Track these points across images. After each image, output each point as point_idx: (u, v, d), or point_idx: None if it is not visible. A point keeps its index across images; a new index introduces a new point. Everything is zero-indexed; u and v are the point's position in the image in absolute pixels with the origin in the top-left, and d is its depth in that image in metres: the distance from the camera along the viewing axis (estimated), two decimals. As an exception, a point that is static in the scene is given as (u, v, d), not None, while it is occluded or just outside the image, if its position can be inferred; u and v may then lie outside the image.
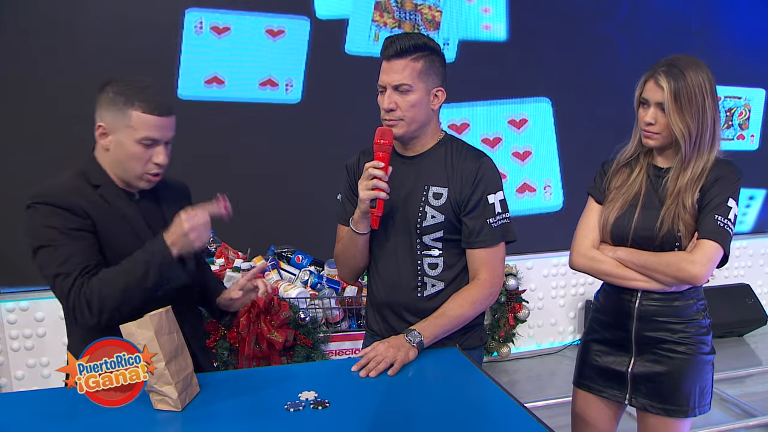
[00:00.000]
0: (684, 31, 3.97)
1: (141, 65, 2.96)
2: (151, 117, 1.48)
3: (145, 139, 1.49)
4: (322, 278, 3.00)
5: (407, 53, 1.63)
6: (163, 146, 1.53)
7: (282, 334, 2.62)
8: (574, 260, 1.84)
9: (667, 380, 1.75)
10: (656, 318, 1.75)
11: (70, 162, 1.61)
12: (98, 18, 2.96)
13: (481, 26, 3.60)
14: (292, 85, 3.29)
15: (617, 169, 1.83)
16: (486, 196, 1.68)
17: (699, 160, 1.69)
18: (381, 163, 1.62)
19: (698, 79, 1.66)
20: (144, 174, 1.53)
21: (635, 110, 1.77)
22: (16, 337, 2.97)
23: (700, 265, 1.64)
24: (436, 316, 1.66)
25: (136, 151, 1.50)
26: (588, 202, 1.87)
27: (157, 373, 1.32)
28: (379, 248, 1.78)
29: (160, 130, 1.50)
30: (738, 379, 3.52)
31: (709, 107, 1.67)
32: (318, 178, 3.28)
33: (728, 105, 4.21)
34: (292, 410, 1.35)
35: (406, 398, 1.43)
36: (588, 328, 1.93)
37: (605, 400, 1.87)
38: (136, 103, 1.48)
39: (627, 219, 1.76)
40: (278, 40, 3.25)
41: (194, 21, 3.10)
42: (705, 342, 1.77)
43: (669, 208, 1.71)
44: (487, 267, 1.70)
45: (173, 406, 1.35)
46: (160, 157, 1.52)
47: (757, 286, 4.25)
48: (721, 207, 1.65)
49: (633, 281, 1.75)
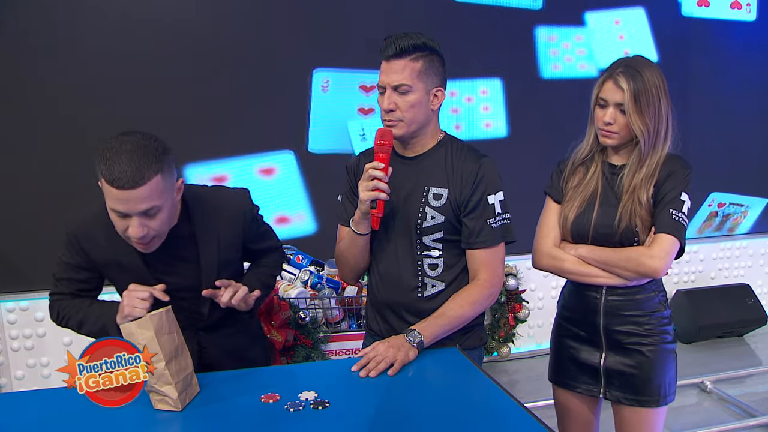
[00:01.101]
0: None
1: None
2: (112, 189, 1.36)
3: (112, 210, 1.41)
4: (322, 278, 3.00)
5: (406, 53, 1.63)
6: (138, 218, 1.39)
7: (282, 334, 2.62)
8: (538, 260, 1.88)
9: (638, 372, 1.80)
10: (621, 312, 1.80)
11: (70, 163, 1.61)
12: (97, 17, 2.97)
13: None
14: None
15: (573, 168, 1.87)
16: (486, 197, 1.68)
17: (653, 156, 1.75)
18: (381, 164, 1.62)
19: (654, 79, 1.72)
20: (128, 239, 1.45)
21: (591, 110, 1.81)
22: (16, 337, 2.97)
23: (659, 258, 1.70)
24: (436, 316, 1.66)
25: (113, 217, 1.43)
26: (546, 201, 1.92)
27: (157, 373, 1.32)
28: (380, 249, 1.78)
29: (123, 203, 1.37)
30: (738, 379, 3.52)
31: (664, 105, 1.73)
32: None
33: (727, 210, 4.27)
34: (292, 410, 1.35)
35: (406, 398, 1.43)
36: (557, 326, 1.97)
37: (581, 395, 1.91)
38: (102, 172, 1.37)
39: (586, 217, 1.80)
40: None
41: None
42: (668, 332, 1.83)
43: (626, 205, 1.76)
44: (487, 267, 1.70)
45: (173, 406, 1.35)
46: (133, 230, 1.40)
47: (757, 286, 4.26)
48: (675, 201, 1.72)
49: (595, 278, 1.79)
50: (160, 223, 1.44)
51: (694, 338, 3.93)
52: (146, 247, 1.48)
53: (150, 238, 1.45)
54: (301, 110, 3.31)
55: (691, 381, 3.40)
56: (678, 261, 4.21)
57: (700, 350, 3.88)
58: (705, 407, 3.24)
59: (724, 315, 3.90)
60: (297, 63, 3.25)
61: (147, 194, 1.37)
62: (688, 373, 3.47)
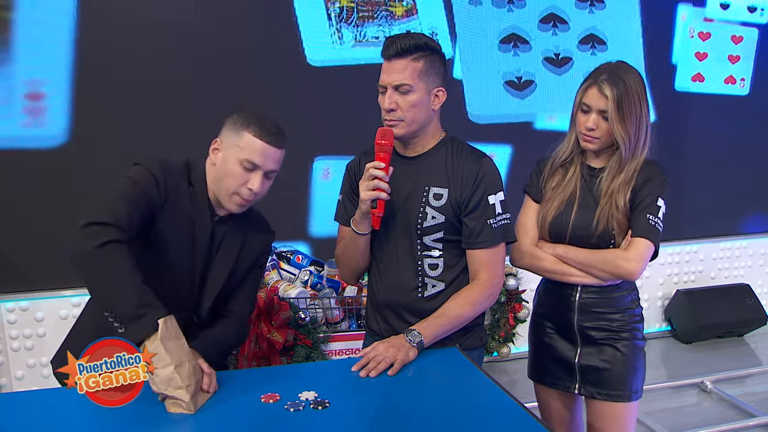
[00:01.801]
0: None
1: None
2: (258, 141, 1.54)
3: (246, 162, 1.54)
4: (322, 278, 2.99)
5: (408, 53, 1.63)
6: (262, 174, 1.56)
7: (282, 334, 2.62)
8: (518, 259, 1.91)
9: (612, 367, 1.84)
10: (595, 309, 1.85)
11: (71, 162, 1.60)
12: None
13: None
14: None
15: (553, 169, 1.90)
16: (486, 197, 1.68)
17: (632, 162, 1.79)
18: (382, 164, 1.62)
19: (636, 86, 1.76)
20: (234, 195, 1.56)
21: (573, 114, 1.84)
22: (16, 337, 2.97)
23: (635, 261, 1.75)
24: (436, 316, 1.66)
25: (235, 171, 1.55)
26: (525, 200, 1.95)
27: (167, 378, 1.32)
28: (380, 249, 1.78)
29: (262, 157, 1.54)
30: (738, 379, 3.51)
31: (644, 113, 1.78)
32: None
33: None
34: (292, 410, 1.35)
35: (406, 398, 1.43)
36: (534, 324, 2.00)
37: (558, 391, 1.95)
38: (250, 127, 1.55)
39: (564, 218, 1.84)
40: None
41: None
42: (639, 329, 1.88)
43: (603, 209, 1.80)
44: (487, 267, 1.70)
45: (186, 408, 1.35)
46: (255, 184, 1.55)
47: (757, 286, 4.25)
48: (652, 207, 1.77)
49: (572, 276, 1.84)
50: (265, 190, 1.60)
51: (694, 338, 3.92)
52: (243, 207, 1.60)
53: (254, 199, 1.59)
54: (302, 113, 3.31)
55: (691, 381, 3.40)
56: (677, 261, 4.21)
57: (700, 350, 3.88)
58: (705, 407, 3.24)
59: (724, 315, 3.90)
60: (298, 62, 3.25)
61: (280, 157, 1.59)
62: (688, 373, 3.47)
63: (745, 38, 4.03)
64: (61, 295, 2.97)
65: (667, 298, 4.07)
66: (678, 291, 3.99)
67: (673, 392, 3.36)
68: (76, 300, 2.98)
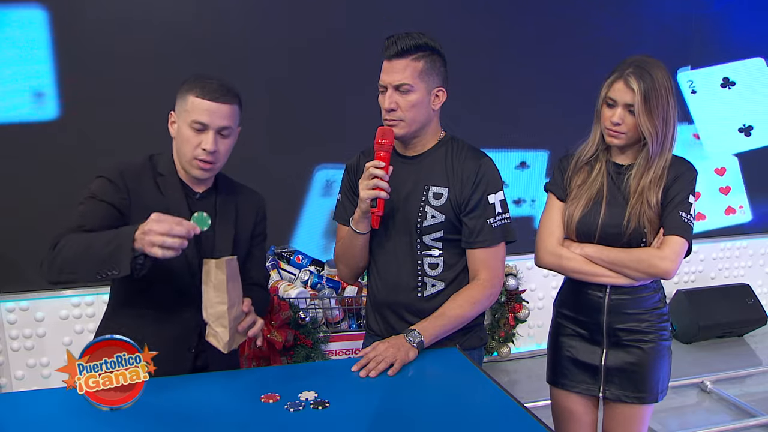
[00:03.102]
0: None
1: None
2: (201, 101, 1.55)
3: (194, 123, 1.55)
4: (322, 278, 3.00)
5: (408, 53, 1.63)
6: (214, 133, 1.56)
7: (282, 334, 2.62)
8: (542, 258, 1.87)
9: (639, 369, 1.81)
10: (625, 310, 1.81)
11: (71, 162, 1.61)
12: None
13: None
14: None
15: (578, 167, 1.85)
16: (486, 196, 1.68)
17: (661, 159, 1.76)
18: (382, 163, 1.62)
19: (663, 80, 1.72)
20: (193, 159, 1.57)
21: (598, 109, 1.79)
22: (16, 337, 2.97)
23: (670, 260, 1.71)
24: (436, 316, 1.66)
25: (188, 135, 1.57)
26: (549, 199, 1.90)
27: (218, 314, 1.44)
28: (380, 248, 1.78)
29: (209, 115, 1.55)
30: (738, 379, 3.52)
31: (672, 107, 1.74)
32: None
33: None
34: (292, 410, 1.35)
35: (406, 398, 1.43)
36: (555, 325, 1.96)
37: (579, 395, 1.91)
38: (194, 90, 1.57)
39: (593, 216, 1.79)
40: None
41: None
42: (666, 329, 1.86)
43: (634, 207, 1.76)
44: (487, 267, 1.70)
45: (221, 346, 1.47)
46: (208, 143, 1.56)
47: (757, 286, 4.25)
48: (683, 204, 1.73)
49: (602, 277, 1.79)
50: (225, 150, 1.60)
51: (694, 338, 3.92)
52: (207, 171, 1.59)
53: (215, 160, 1.58)
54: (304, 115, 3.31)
55: (691, 381, 3.40)
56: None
57: (700, 350, 3.88)
58: (705, 407, 3.24)
59: (724, 315, 3.90)
60: (299, 61, 3.25)
61: (228, 113, 1.57)
62: (688, 373, 3.47)
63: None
64: (61, 295, 2.98)
65: (668, 298, 4.07)
66: (678, 291, 3.99)
67: (673, 392, 3.35)
68: (76, 300, 2.99)
